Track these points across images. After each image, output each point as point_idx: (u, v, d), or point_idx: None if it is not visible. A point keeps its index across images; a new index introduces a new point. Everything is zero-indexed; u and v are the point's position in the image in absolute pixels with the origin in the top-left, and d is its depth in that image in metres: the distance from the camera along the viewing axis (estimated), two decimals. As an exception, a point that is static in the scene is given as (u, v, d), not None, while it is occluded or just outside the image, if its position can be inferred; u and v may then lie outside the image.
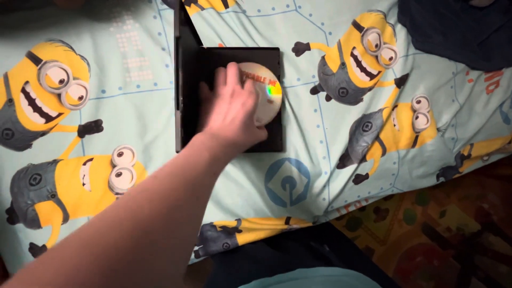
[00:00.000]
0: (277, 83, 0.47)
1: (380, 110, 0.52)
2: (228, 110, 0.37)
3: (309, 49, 0.50)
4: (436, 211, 1.25)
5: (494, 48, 0.57)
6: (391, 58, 0.53)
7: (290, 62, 0.50)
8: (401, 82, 0.53)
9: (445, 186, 1.25)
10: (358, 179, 0.54)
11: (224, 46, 0.48)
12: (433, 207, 1.25)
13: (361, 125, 0.52)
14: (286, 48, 0.50)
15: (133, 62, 0.45)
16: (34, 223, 0.42)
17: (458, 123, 0.58)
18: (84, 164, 0.43)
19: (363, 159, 0.53)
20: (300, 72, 0.50)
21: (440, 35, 0.53)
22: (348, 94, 0.52)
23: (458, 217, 1.26)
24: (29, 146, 0.42)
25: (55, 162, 0.43)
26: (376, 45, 0.53)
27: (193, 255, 0.49)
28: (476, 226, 1.26)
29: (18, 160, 0.42)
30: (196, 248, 0.49)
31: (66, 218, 0.43)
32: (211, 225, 0.48)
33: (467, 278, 1.21)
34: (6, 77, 0.42)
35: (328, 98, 0.51)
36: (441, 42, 0.53)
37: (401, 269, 1.20)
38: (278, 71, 0.48)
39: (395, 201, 1.23)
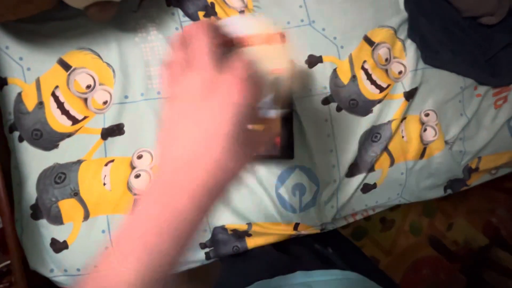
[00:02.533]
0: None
1: (389, 122, 0.54)
2: (198, 125, 0.19)
3: (321, 61, 0.53)
4: (443, 224, 1.23)
5: (503, 64, 0.58)
6: (400, 72, 0.55)
7: (303, 74, 0.52)
8: (409, 95, 0.54)
9: (453, 199, 1.24)
10: (366, 188, 0.55)
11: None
12: (440, 219, 1.24)
13: (370, 136, 0.54)
14: (300, 60, 0.52)
15: (155, 70, 0.48)
16: (57, 219, 0.45)
17: (466, 136, 0.59)
18: (106, 165, 0.46)
19: (371, 168, 0.54)
20: (312, 83, 0.52)
21: (449, 52, 0.55)
22: (358, 106, 0.53)
23: (466, 231, 1.24)
24: (56, 146, 0.45)
25: (79, 162, 0.45)
26: (386, 59, 0.55)
27: (203, 257, 0.50)
28: (484, 241, 1.24)
29: (45, 159, 0.45)
30: (207, 250, 0.50)
31: (86, 216, 0.45)
32: (223, 228, 0.50)
33: (474, 293, 1.19)
34: (38, 82, 0.45)
35: (339, 109, 0.53)
36: (450, 59, 0.55)
37: (407, 281, 1.19)
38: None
39: (402, 212, 1.23)
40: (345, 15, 0.53)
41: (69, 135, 0.45)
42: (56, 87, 0.45)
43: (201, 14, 0.50)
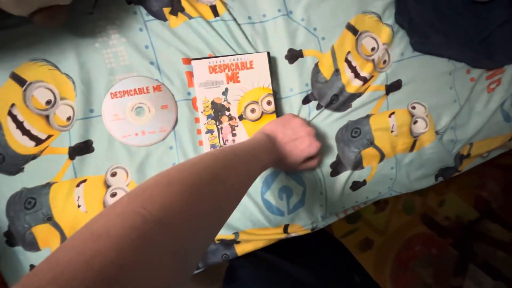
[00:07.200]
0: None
1: (368, 116, 0.51)
2: (296, 140, 0.42)
3: (302, 56, 0.49)
4: (436, 201, 1.25)
5: (497, 44, 0.55)
6: (385, 62, 0.52)
7: (283, 70, 0.48)
8: (391, 88, 0.51)
9: (445, 176, 1.25)
10: (355, 186, 0.53)
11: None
12: (433, 197, 1.26)
13: (349, 131, 0.51)
14: (279, 55, 0.48)
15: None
16: (33, 246, 0.43)
17: (458, 124, 0.56)
18: (78, 185, 0.43)
19: (358, 166, 0.52)
20: (293, 81, 0.49)
21: (441, 35, 0.51)
22: (338, 101, 0.50)
23: (457, 206, 1.27)
24: (21, 170, 0.42)
25: (48, 185, 0.42)
26: (373, 49, 0.51)
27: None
28: (475, 214, 1.27)
29: (11, 184, 0.42)
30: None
31: (63, 240, 0.43)
32: (209, 238, 0.49)
33: (464, 264, 1.24)
34: (-9, 101, 0.41)
35: (318, 107, 0.50)
36: (442, 42, 0.51)
37: (400, 258, 1.22)
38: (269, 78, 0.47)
39: (395, 192, 1.24)
40: (325, 1, 0.48)
41: (34, 157, 0.42)
42: (13, 105, 0.41)
43: (166, 10, 0.45)
